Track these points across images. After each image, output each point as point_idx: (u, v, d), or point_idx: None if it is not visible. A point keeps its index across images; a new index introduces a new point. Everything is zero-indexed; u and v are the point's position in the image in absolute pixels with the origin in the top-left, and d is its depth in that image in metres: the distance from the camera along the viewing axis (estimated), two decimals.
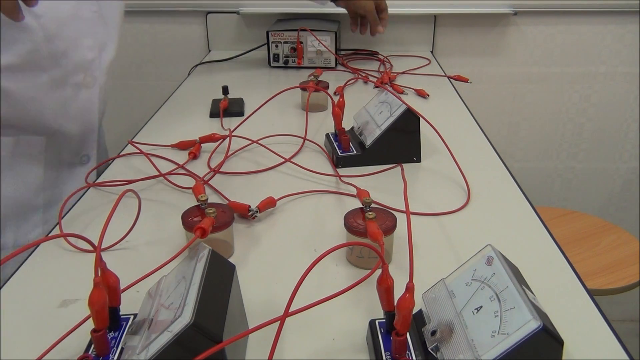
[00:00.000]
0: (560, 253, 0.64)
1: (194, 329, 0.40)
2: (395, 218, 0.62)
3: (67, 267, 0.64)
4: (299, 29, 1.39)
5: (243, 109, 1.11)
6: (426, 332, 0.47)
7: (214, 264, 0.47)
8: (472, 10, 1.57)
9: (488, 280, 0.45)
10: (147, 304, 0.50)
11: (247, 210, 0.71)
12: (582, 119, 1.74)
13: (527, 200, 0.76)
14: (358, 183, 0.80)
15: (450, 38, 1.64)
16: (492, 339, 0.40)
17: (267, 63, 1.44)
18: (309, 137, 0.97)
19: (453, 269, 0.49)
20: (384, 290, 0.47)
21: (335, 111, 0.88)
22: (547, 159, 1.80)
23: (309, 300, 0.41)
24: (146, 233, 0.70)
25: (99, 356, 0.48)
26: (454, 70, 1.40)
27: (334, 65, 1.42)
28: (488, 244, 0.48)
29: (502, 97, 1.72)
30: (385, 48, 1.58)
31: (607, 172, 1.80)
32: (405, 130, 0.85)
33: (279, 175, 0.86)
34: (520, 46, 1.65)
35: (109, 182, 0.82)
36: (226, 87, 1.12)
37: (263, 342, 0.51)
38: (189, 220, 0.62)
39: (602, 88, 1.69)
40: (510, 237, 0.68)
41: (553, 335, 0.39)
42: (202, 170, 0.86)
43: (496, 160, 0.89)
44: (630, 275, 1.25)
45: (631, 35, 1.62)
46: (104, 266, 0.48)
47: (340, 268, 0.63)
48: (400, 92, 1.21)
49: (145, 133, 1.02)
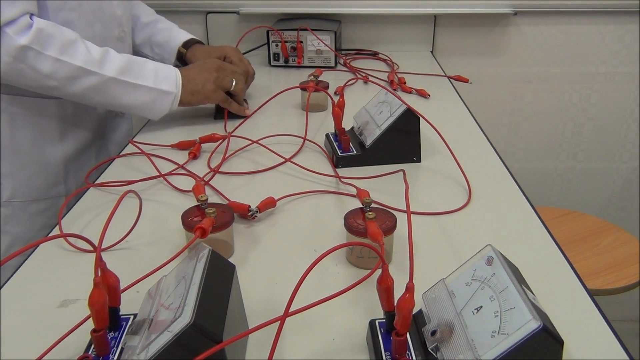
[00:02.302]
0: (560, 253, 0.64)
1: (194, 329, 0.40)
2: (395, 218, 0.62)
3: (67, 267, 0.64)
4: (299, 28, 1.39)
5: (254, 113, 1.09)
6: (426, 332, 0.47)
7: (214, 264, 0.47)
8: (472, 10, 1.57)
9: (488, 280, 0.45)
10: (147, 304, 0.50)
11: (247, 210, 0.71)
12: (582, 119, 1.74)
13: (527, 200, 0.76)
14: (358, 183, 0.80)
15: (450, 38, 1.64)
16: (492, 339, 0.40)
17: (267, 63, 1.44)
18: (309, 137, 0.97)
19: (453, 269, 0.49)
20: (384, 290, 0.47)
21: (335, 111, 0.88)
22: (547, 159, 1.80)
23: (309, 300, 0.41)
24: (146, 233, 0.70)
25: (99, 356, 0.48)
26: (454, 70, 1.40)
27: (333, 65, 1.42)
28: (488, 244, 0.48)
29: (502, 97, 1.72)
30: (385, 48, 1.58)
31: (607, 172, 1.80)
32: (405, 130, 0.85)
33: (279, 175, 0.86)
34: (520, 46, 1.65)
35: (109, 182, 0.82)
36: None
37: (263, 342, 0.51)
38: (189, 220, 0.62)
39: (602, 88, 1.69)
40: (510, 237, 0.68)
41: (553, 335, 0.39)
42: (202, 171, 0.86)
43: (496, 160, 0.89)
44: (630, 275, 1.24)
45: (631, 35, 1.62)
46: (104, 266, 0.48)
47: (340, 268, 0.63)
48: (409, 92, 1.22)
49: (146, 133, 1.02)
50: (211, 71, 1.02)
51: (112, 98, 0.93)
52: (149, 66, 0.96)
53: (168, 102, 0.97)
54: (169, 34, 1.19)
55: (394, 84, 1.26)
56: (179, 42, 1.17)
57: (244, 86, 1.07)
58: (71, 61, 0.86)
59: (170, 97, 0.97)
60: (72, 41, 0.87)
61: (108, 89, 0.91)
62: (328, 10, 1.56)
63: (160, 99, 0.96)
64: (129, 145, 0.96)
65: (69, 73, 0.87)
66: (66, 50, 0.86)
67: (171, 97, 0.97)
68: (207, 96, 1.01)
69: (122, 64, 0.92)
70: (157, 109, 0.97)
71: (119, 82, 0.91)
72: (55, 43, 0.85)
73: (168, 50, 1.17)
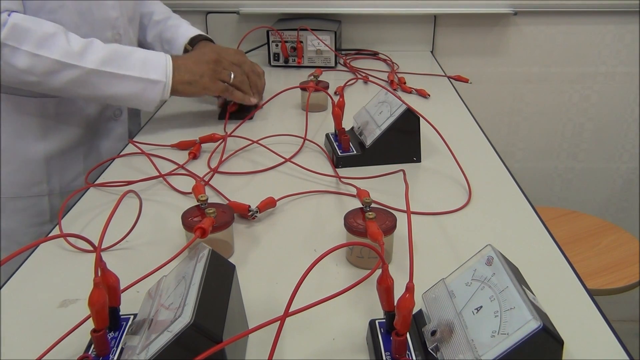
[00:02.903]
0: (560, 253, 0.64)
1: (194, 329, 0.40)
2: (395, 218, 0.62)
3: (67, 267, 0.64)
4: (299, 28, 1.39)
5: (254, 113, 1.08)
6: (426, 332, 0.47)
7: (214, 264, 0.47)
8: (472, 10, 1.57)
9: (488, 280, 0.45)
10: (147, 304, 0.50)
11: (247, 210, 0.71)
12: (582, 119, 1.74)
13: (527, 200, 0.76)
14: (358, 183, 0.80)
15: (450, 38, 1.64)
16: (492, 339, 0.40)
17: (267, 63, 1.44)
18: (309, 137, 0.97)
19: (453, 269, 0.49)
20: (384, 290, 0.47)
21: (335, 111, 0.88)
22: (547, 159, 1.80)
23: (309, 300, 0.41)
24: (146, 233, 0.70)
25: (99, 356, 0.48)
26: (454, 70, 1.40)
27: (333, 65, 1.42)
28: (488, 244, 0.48)
29: (502, 97, 1.72)
30: (385, 48, 1.58)
31: (607, 172, 1.80)
32: (405, 130, 0.85)
33: (279, 175, 0.86)
34: (520, 46, 1.65)
35: (109, 182, 0.82)
36: None
37: (263, 342, 0.51)
38: (189, 220, 0.62)
39: (602, 88, 1.69)
40: (510, 237, 0.68)
41: (553, 335, 0.39)
42: (202, 170, 0.86)
43: (496, 160, 0.89)
44: (630, 275, 1.24)
45: (631, 35, 1.62)
46: (104, 266, 0.48)
47: (340, 268, 0.63)
48: (409, 92, 1.22)
49: (146, 133, 1.02)
50: (209, 63, 0.98)
51: (96, 90, 0.90)
52: (137, 55, 0.92)
53: (157, 91, 0.93)
54: (176, 30, 1.17)
55: (394, 84, 1.26)
56: (185, 38, 1.15)
57: (243, 78, 1.03)
58: (48, 55, 0.84)
59: (159, 87, 0.93)
60: (51, 34, 0.85)
61: (90, 81, 0.88)
62: (328, 10, 1.56)
63: (150, 88, 0.92)
64: (129, 145, 0.96)
65: (47, 67, 0.85)
66: (43, 44, 0.84)
67: (160, 86, 0.93)
68: (204, 87, 0.98)
69: (105, 54, 0.89)
70: (147, 99, 0.93)
71: (102, 73, 0.88)
72: (31, 37, 0.83)
73: (175, 47, 1.15)
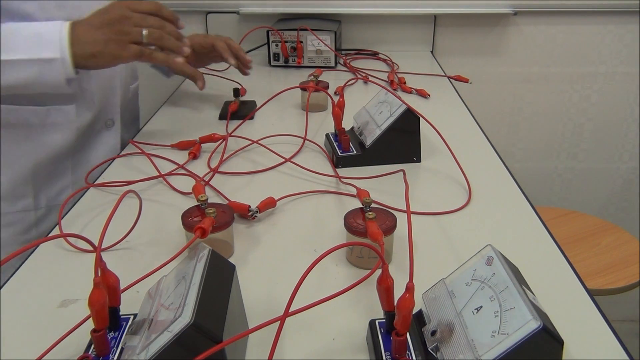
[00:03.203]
0: (560, 253, 0.64)
1: (194, 329, 0.40)
2: (395, 218, 0.62)
3: (67, 267, 0.64)
4: (299, 28, 1.39)
5: (254, 113, 1.08)
6: (426, 332, 0.47)
7: (214, 264, 0.47)
8: (472, 10, 1.57)
9: (488, 280, 0.45)
10: (147, 304, 0.50)
11: (247, 211, 0.71)
12: (582, 119, 1.74)
13: (527, 200, 0.76)
14: (358, 183, 0.80)
15: (450, 38, 1.64)
16: (492, 339, 0.40)
17: (267, 63, 1.44)
18: (309, 137, 0.97)
19: (453, 269, 0.49)
20: (384, 290, 0.47)
21: (335, 111, 0.88)
22: (547, 159, 1.80)
23: (309, 300, 0.41)
24: (146, 233, 0.70)
25: (99, 356, 0.48)
26: (454, 70, 1.40)
27: (333, 65, 1.42)
28: (488, 244, 0.48)
29: (502, 97, 1.72)
30: (385, 48, 1.58)
31: (607, 172, 1.80)
32: (405, 130, 0.85)
33: (279, 175, 0.86)
34: (520, 46, 1.65)
35: (109, 182, 0.82)
36: (237, 89, 1.12)
37: (263, 342, 0.51)
38: (189, 220, 0.62)
39: (602, 88, 1.69)
40: (510, 237, 0.68)
41: (553, 335, 0.39)
42: (202, 170, 0.86)
43: (496, 160, 0.89)
44: (630, 275, 1.24)
45: (631, 35, 1.62)
46: (104, 266, 0.48)
47: (340, 268, 0.63)
48: (409, 92, 1.22)
49: (146, 133, 1.02)
50: (113, 23, 0.81)
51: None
52: (27, 31, 0.79)
53: (57, 71, 0.79)
54: None
55: (394, 84, 1.26)
56: None
57: (161, 34, 0.84)
58: None
59: (56, 65, 0.78)
60: None
61: None
62: (328, 10, 1.56)
63: (47, 69, 0.79)
64: (129, 145, 0.96)
65: None
66: None
67: (57, 65, 0.78)
68: (114, 56, 0.81)
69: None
70: (48, 82, 0.80)
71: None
72: None
73: None
